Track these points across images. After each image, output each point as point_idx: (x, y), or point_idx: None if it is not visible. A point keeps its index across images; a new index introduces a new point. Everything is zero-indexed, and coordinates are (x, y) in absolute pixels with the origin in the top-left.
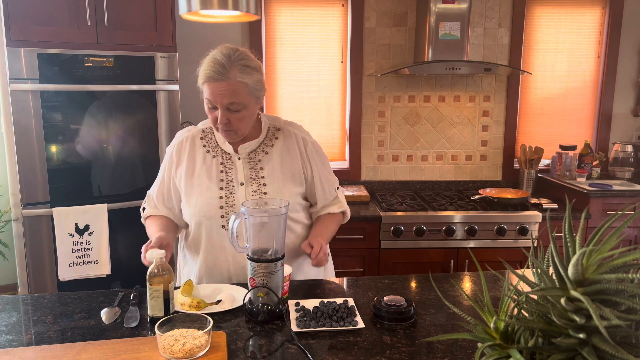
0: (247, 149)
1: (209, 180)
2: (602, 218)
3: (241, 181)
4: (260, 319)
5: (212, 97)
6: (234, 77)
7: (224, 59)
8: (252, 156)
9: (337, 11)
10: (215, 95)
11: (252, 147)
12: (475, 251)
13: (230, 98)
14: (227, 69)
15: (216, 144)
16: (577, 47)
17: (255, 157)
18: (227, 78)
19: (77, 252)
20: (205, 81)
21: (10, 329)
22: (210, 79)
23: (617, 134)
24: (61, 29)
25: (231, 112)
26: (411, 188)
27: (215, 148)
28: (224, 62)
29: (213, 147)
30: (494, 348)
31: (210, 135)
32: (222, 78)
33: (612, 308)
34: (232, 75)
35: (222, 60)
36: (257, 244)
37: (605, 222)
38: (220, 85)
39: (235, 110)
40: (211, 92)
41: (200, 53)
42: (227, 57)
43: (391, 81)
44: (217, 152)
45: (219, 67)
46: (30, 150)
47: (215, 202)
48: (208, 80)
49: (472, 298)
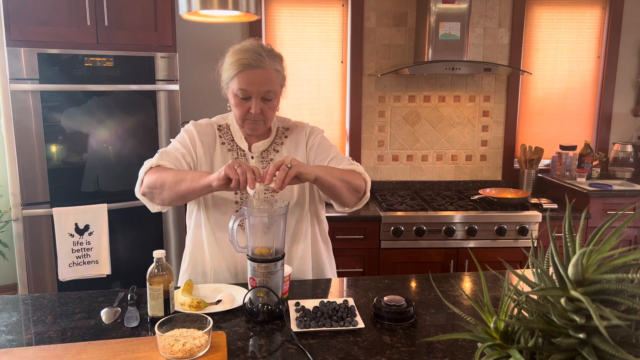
0: (260, 148)
1: None
2: (602, 218)
3: None
4: (260, 319)
5: (249, 86)
6: (270, 65)
7: (258, 48)
8: (264, 155)
9: (337, 11)
10: (252, 84)
11: (265, 146)
12: (475, 251)
13: (268, 86)
14: (263, 57)
15: (232, 139)
16: (577, 47)
17: (267, 157)
18: (264, 66)
19: (77, 252)
20: (242, 70)
21: (10, 329)
22: (249, 67)
23: (617, 134)
24: (61, 29)
25: (265, 101)
26: (411, 188)
27: (231, 142)
28: (259, 50)
29: (229, 141)
30: (494, 348)
31: (226, 129)
32: (261, 65)
33: (612, 308)
34: (268, 63)
35: (257, 49)
36: (257, 244)
37: (605, 222)
38: (258, 73)
39: (269, 98)
40: (248, 81)
41: (200, 53)
42: (259, 46)
43: (391, 81)
44: (233, 147)
45: (256, 55)
46: (30, 150)
47: (230, 197)
48: (245, 69)
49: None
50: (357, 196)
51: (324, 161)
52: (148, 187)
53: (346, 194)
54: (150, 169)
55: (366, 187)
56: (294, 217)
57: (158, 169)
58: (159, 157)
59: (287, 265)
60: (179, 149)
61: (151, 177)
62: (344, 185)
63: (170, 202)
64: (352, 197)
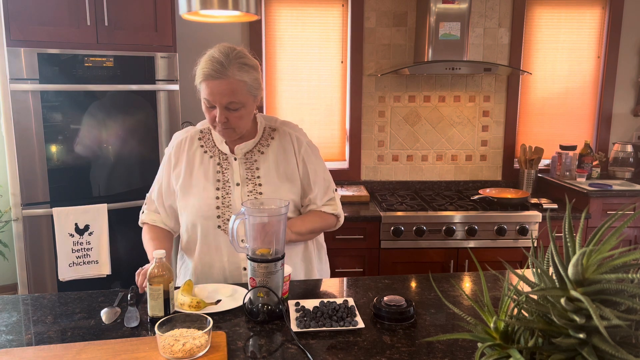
0: (244, 150)
1: (205, 181)
2: (602, 218)
3: (237, 181)
4: (260, 319)
5: (211, 96)
6: (233, 75)
7: (223, 57)
8: (248, 157)
9: (337, 11)
10: (214, 94)
11: (249, 147)
12: (475, 251)
13: (229, 97)
14: (225, 67)
15: (213, 144)
16: (577, 47)
17: (251, 158)
18: (225, 76)
19: (77, 252)
20: (203, 80)
21: (10, 329)
22: (209, 77)
23: (617, 134)
24: (61, 29)
25: (230, 110)
26: (411, 188)
27: (212, 148)
28: (223, 60)
29: (210, 147)
30: (494, 348)
31: (208, 135)
32: (221, 76)
33: (612, 308)
34: (230, 74)
35: (221, 58)
36: (257, 244)
37: (605, 222)
38: (220, 83)
39: (234, 109)
40: (210, 91)
41: (200, 53)
42: (226, 55)
43: (391, 81)
44: (214, 152)
45: (217, 66)
46: (30, 150)
47: (211, 202)
48: (207, 79)
49: (472, 298)
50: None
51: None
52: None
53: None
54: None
55: (337, 224)
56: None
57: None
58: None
59: (287, 265)
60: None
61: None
62: (315, 235)
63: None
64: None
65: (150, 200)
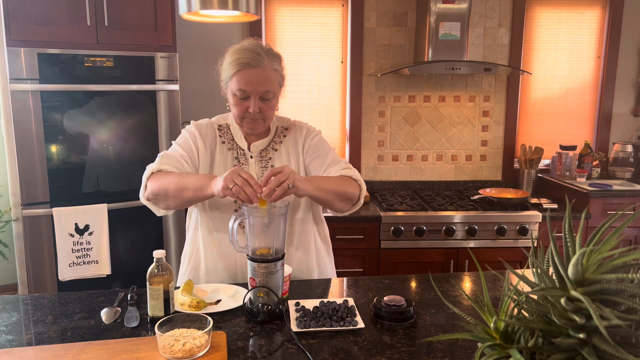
0: (259, 147)
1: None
2: (602, 218)
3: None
4: (260, 319)
5: (248, 86)
6: (269, 64)
7: (257, 47)
8: (263, 154)
9: (337, 11)
10: (251, 83)
11: (263, 145)
12: (475, 251)
13: (266, 86)
14: (262, 57)
15: (232, 138)
16: (577, 47)
17: (266, 155)
18: (262, 65)
19: (77, 252)
20: (240, 69)
21: (10, 329)
22: (247, 66)
23: (617, 134)
24: (61, 29)
25: (263, 100)
26: (411, 188)
27: (231, 141)
28: (258, 50)
29: (229, 140)
30: (494, 348)
31: (226, 129)
32: (259, 65)
33: (612, 308)
34: (267, 63)
35: (255, 48)
36: (257, 244)
37: (605, 222)
38: (257, 72)
39: (267, 98)
40: (247, 80)
41: (200, 53)
42: (258, 46)
43: (391, 81)
44: (233, 146)
45: (255, 55)
46: (30, 150)
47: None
48: (244, 68)
49: (472, 298)
50: (350, 204)
51: (320, 166)
52: (152, 194)
53: (338, 204)
54: (152, 174)
55: (360, 194)
56: (294, 219)
57: (160, 174)
58: (160, 160)
59: (287, 265)
60: (179, 151)
61: (154, 183)
62: (337, 197)
63: (175, 207)
64: (344, 205)
65: (167, 155)
